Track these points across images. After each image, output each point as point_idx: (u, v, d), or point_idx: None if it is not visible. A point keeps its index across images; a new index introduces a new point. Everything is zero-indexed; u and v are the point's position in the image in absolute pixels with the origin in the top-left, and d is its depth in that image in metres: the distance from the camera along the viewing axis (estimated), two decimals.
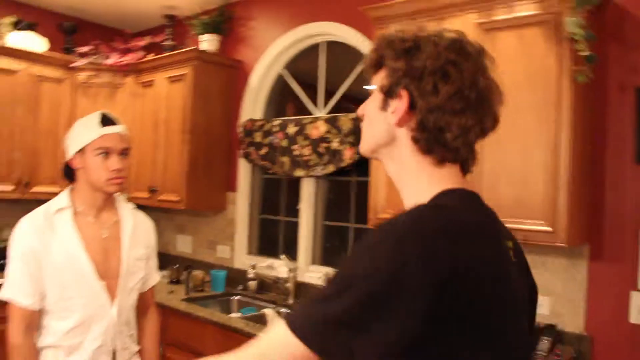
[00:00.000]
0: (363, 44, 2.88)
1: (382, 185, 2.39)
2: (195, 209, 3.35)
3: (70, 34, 3.83)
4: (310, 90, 3.27)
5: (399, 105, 0.85)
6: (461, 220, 0.78)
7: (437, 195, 0.84)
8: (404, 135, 0.87)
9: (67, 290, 1.62)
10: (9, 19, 3.56)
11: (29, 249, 1.61)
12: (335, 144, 2.90)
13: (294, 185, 3.27)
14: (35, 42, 3.58)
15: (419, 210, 0.78)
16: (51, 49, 3.68)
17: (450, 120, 0.82)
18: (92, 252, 1.66)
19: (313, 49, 3.24)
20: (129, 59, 3.61)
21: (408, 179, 0.88)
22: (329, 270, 3.00)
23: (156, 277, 1.92)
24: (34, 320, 1.63)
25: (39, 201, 3.94)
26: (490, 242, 0.81)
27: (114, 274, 1.70)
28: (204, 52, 3.33)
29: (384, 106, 0.88)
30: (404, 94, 0.84)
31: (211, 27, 3.40)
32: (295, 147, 3.06)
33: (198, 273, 3.17)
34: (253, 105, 3.43)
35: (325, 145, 2.94)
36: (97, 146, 1.66)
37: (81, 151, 1.66)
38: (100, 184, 1.67)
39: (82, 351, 1.64)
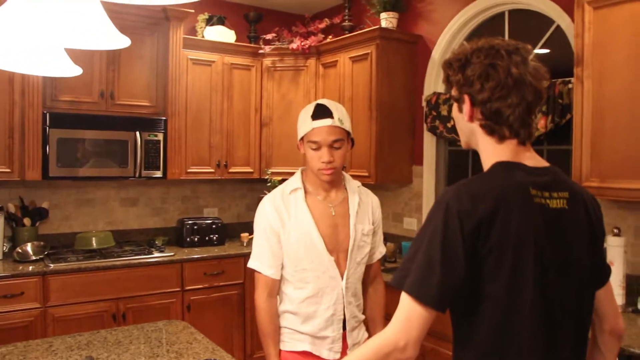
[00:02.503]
0: (550, 8, 2.95)
1: (587, 153, 2.50)
2: (384, 182, 3.68)
3: (255, 23, 4.40)
4: None
5: (465, 106, 1.26)
6: (479, 188, 1.18)
7: (489, 167, 1.25)
8: (476, 127, 1.27)
9: (301, 262, 1.93)
10: (203, 16, 4.18)
11: (269, 226, 1.96)
12: None
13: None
14: (225, 34, 4.18)
15: (453, 186, 1.21)
16: (238, 39, 4.28)
17: (500, 104, 1.20)
18: (323, 228, 1.93)
19: (495, 19, 3.39)
20: (310, 42, 4.02)
21: (484, 157, 1.28)
22: None
23: (382, 250, 2.15)
24: (275, 288, 1.99)
25: (235, 180, 4.62)
26: (504, 197, 1.16)
27: (343, 248, 1.96)
28: (385, 30, 3.65)
29: (460, 110, 1.30)
30: (466, 97, 1.25)
31: (390, 5, 3.71)
32: None
33: (390, 245, 3.52)
34: (436, 79, 3.70)
35: None
36: (308, 139, 1.91)
37: (301, 140, 1.96)
38: (315, 172, 1.95)
39: (317, 319, 1.93)
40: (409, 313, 1.13)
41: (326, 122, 1.88)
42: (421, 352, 2.86)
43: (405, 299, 1.14)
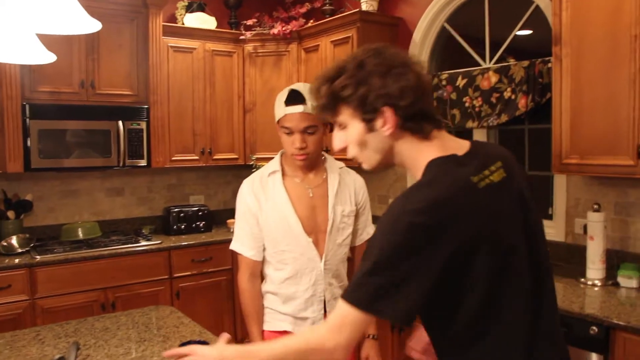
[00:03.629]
0: None
1: (566, 131, 2.52)
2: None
3: (235, 9, 4.40)
4: (472, 43, 3.42)
5: (388, 118, 1.20)
6: (428, 197, 1.11)
7: (427, 168, 1.18)
8: (397, 134, 1.22)
9: (280, 244, 1.96)
10: (182, 3, 4.14)
11: (247, 209, 1.98)
12: (508, 93, 3.04)
13: (464, 137, 3.46)
14: (206, 20, 4.14)
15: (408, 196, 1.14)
16: (219, 26, 4.25)
17: (415, 99, 1.18)
18: (300, 210, 1.94)
19: (475, 0, 3.37)
20: (291, 26, 4.00)
21: (413, 160, 1.23)
22: None
23: (370, 230, 2.12)
24: (257, 269, 2.02)
25: (220, 167, 4.60)
26: (457, 196, 1.11)
27: (322, 229, 1.96)
28: (366, 13, 3.65)
29: (371, 129, 1.21)
30: (386, 109, 1.18)
31: None
32: (465, 99, 3.27)
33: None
34: None
35: (497, 95, 3.10)
36: (282, 125, 1.93)
37: (277, 123, 1.96)
38: (289, 156, 1.96)
39: (297, 300, 1.96)
40: (343, 319, 1.11)
41: (298, 108, 1.88)
42: None
43: (354, 313, 1.10)
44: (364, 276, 1.09)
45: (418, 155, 1.21)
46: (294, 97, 1.90)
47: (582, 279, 2.52)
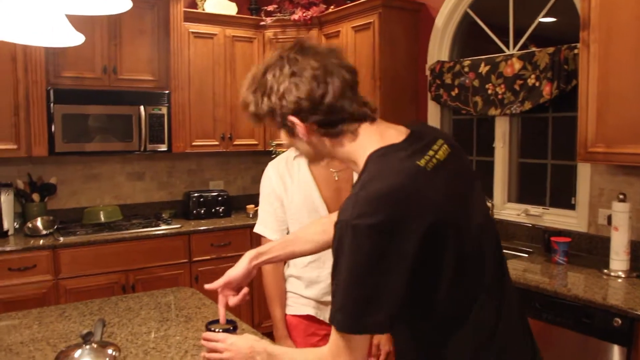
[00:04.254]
0: None
1: (592, 119, 2.47)
2: None
3: None
4: (495, 30, 3.37)
5: (298, 128, 1.15)
6: (376, 191, 1.04)
7: (365, 164, 1.12)
8: (319, 138, 1.18)
9: None
10: None
11: (272, 191, 1.99)
12: (532, 80, 3.00)
13: (485, 125, 3.43)
14: (226, 6, 4.14)
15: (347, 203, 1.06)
16: (239, 12, 4.25)
17: (327, 102, 1.11)
18: (325, 192, 1.94)
19: None
20: (312, 12, 3.97)
21: (348, 157, 1.19)
22: (527, 208, 3.15)
23: None
24: None
25: (240, 153, 4.62)
26: (401, 189, 1.04)
27: None
28: None
29: (292, 134, 1.18)
30: (293, 119, 1.14)
31: None
32: (488, 86, 3.24)
33: None
34: (439, 47, 3.66)
35: (520, 82, 3.06)
36: None
37: None
38: None
39: (320, 284, 1.95)
40: (346, 343, 1.06)
41: None
42: None
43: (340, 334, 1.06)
44: (340, 297, 1.04)
45: (354, 152, 1.16)
46: None
47: (606, 270, 2.48)
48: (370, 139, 1.14)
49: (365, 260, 1.00)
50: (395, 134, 1.15)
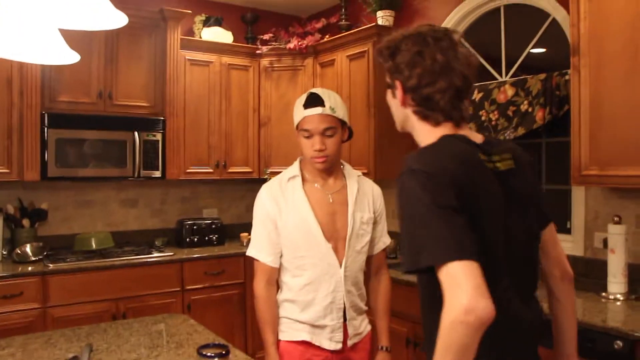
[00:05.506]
0: (545, 1, 2.99)
1: (585, 142, 2.49)
2: (383, 179, 3.67)
3: (252, 24, 4.44)
4: (487, 61, 3.43)
5: (398, 92, 1.31)
6: (435, 151, 1.21)
7: (436, 140, 1.25)
8: (410, 112, 1.31)
9: (299, 249, 1.93)
10: (200, 17, 4.19)
11: (266, 214, 1.96)
12: (524, 106, 3.03)
13: None
14: (223, 35, 4.19)
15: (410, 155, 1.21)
16: (236, 40, 4.29)
17: (429, 90, 1.25)
18: (320, 215, 1.93)
19: (491, 15, 3.42)
20: (307, 41, 4.03)
21: (420, 139, 1.31)
22: None
23: (386, 240, 2.11)
24: (274, 276, 1.99)
25: (234, 181, 4.60)
26: (460, 159, 1.19)
27: (341, 236, 1.94)
28: (382, 27, 3.68)
29: (393, 95, 1.35)
30: (397, 84, 1.30)
31: (386, 3, 3.74)
32: (481, 112, 3.26)
33: (391, 241, 3.49)
34: None
35: (513, 108, 3.09)
36: (301, 127, 1.93)
37: (296, 128, 1.96)
38: (309, 160, 1.95)
39: (315, 307, 1.92)
40: (452, 280, 1.03)
41: (317, 110, 1.89)
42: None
43: (441, 272, 1.06)
44: (421, 236, 1.09)
45: (426, 137, 1.28)
46: (313, 100, 1.91)
47: (604, 293, 2.46)
48: (447, 129, 1.27)
49: (424, 199, 1.10)
50: (469, 135, 1.28)
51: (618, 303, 2.37)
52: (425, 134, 1.29)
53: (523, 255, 1.27)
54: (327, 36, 4.13)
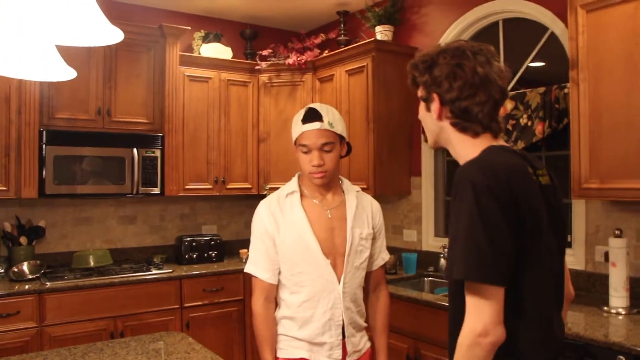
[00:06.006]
0: (543, 15, 3.01)
1: (585, 155, 2.49)
2: (383, 194, 3.67)
3: (251, 40, 4.47)
4: None
5: (434, 105, 1.32)
6: (492, 162, 1.22)
7: (484, 150, 1.28)
8: (447, 125, 1.33)
9: (297, 266, 1.92)
10: (199, 34, 4.22)
11: (264, 230, 1.95)
12: (524, 120, 3.03)
13: None
14: (222, 51, 4.21)
15: (467, 164, 1.24)
16: (235, 56, 4.31)
17: (469, 102, 1.27)
18: (318, 231, 1.92)
19: (490, 29, 3.44)
20: (306, 57, 4.06)
21: (463, 152, 1.32)
22: None
23: (385, 256, 2.10)
24: (272, 292, 1.98)
25: (233, 198, 4.60)
26: (515, 172, 1.22)
27: (339, 252, 1.93)
28: (381, 42, 3.70)
29: (428, 109, 1.35)
30: (435, 97, 1.31)
31: (385, 18, 3.76)
32: None
33: (390, 257, 3.48)
34: None
35: (513, 122, 3.10)
36: (299, 143, 1.93)
37: (294, 143, 1.97)
38: (307, 175, 1.95)
39: (314, 323, 1.90)
40: (475, 300, 1.12)
41: (315, 125, 1.89)
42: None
43: (467, 287, 1.14)
44: (461, 249, 1.14)
45: (467, 149, 1.30)
46: (311, 115, 1.91)
47: (605, 307, 2.44)
48: (486, 141, 1.29)
49: (473, 212, 1.13)
50: (510, 148, 1.32)
51: (620, 317, 2.35)
52: (466, 145, 1.31)
53: (558, 272, 1.32)
54: (326, 51, 4.16)
